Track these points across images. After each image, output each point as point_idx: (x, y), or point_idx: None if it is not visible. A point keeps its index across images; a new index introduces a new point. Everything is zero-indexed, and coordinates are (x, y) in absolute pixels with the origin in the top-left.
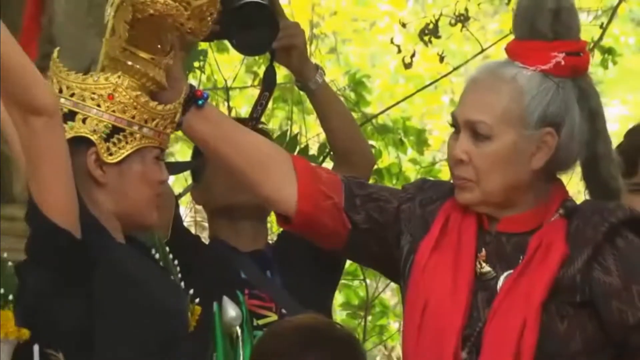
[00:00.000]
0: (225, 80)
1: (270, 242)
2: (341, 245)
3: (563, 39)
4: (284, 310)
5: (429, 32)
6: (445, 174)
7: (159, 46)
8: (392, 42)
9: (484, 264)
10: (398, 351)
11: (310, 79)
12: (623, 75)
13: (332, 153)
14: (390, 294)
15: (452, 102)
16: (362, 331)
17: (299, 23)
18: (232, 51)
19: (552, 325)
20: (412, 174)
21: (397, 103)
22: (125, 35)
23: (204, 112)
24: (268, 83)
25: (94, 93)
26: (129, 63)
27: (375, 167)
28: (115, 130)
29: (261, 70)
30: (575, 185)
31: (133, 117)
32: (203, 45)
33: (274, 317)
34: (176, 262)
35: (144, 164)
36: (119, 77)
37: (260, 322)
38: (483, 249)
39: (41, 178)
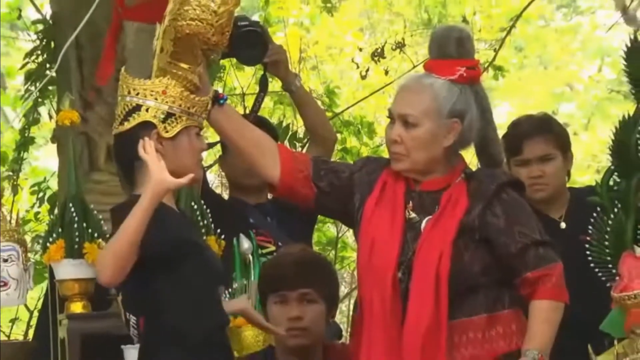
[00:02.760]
0: (242, 88)
1: (269, 197)
2: (312, 204)
3: (464, 58)
4: (280, 243)
5: (378, 55)
6: (387, 153)
7: (193, 58)
8: (353, 61)
9: (411, 212)
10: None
11: (292, 83)
12: (510, 85)
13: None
14: (349, 234)
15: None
16: (332, 259)
17: (282, 45)
18: (247, 67)
19: (460, 255)
20: (365, 152)
21: (357, 103)
22: (171, 50)
23: (223, 109)
24: (262, 86)
25: (152, 91)
26: (174, 71)
27: (342, 147)
28: (168, 115)
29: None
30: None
31: (180, 106)
32: (224, 62)
33: (272, 248)
34: (208, 210)
35: (190, 137)
36: (168, 79)
37: (264, 251)
38: (410, 202)
39: None
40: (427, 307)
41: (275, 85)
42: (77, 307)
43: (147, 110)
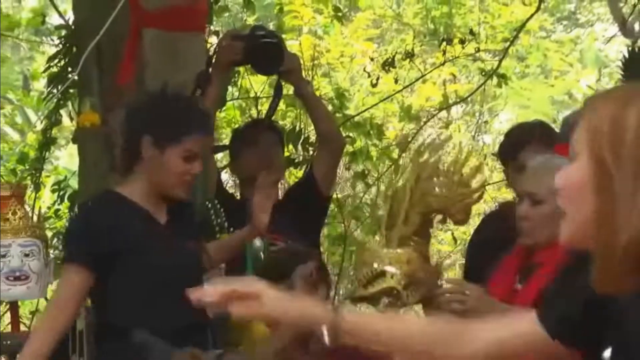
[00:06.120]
0: (256, 92)
1: (279, 197)
2: None
3: None
4: (289, 240)
5: (388, 64)
6: (394, 154)
7: (422, 234)
8: (364, 70)
9: (518, 284)
10: None
11: (303, 89)
12: (512, 93)
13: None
14: (358, 231)
15: (402, 108)
16: (340, 254)
17: (296, 54)
18: None
19: None
20: (374, 153)
21: (368, 109)
22: (417, 223)
23: None
24: (277, 92)
25: (397, 260)
26: (412, 244)
27: (352, 149)
28: (409, 284)
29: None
30: None
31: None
32: (240, 69)
33: (282, 244)
34: (222, 209)
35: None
36: (412, 250)
37: (274, 248)
38: (518, 273)
39: None
40: None
41: (288, 89)
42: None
43: (391, 277)
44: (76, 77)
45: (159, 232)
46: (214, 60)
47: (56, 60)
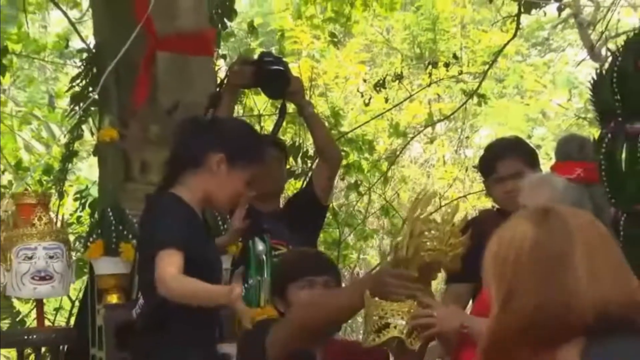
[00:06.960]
0: (259, 110)
1: (281, 206)
2: None
3: (583, 160)
4: (290, 246)
5: (379, 85)
6: (384, 167)
7: (423, 280)
8: (357, 90)
9: None
10: (356, 270)
11: (306, 109)
12: (491, 111)
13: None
14: (351, 237)
15: (391, 125)
16: (335, 257)
17: (299, 78)
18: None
19: None
20: (365, 166)
21: (360, 126)
22: (415, 276)
23: None
24: (282, 112)
25: (399, 311)
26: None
27: (345, 162)
28: (412, 331)
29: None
30: None
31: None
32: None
33: (284, 250)
34: (229, 217)
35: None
36: (412, 301)
37: (277, 252)
38: None
39: None
40: None
41: (289, 107)
42: (113, 298)
43: (395, 327)
44: (96, 96)
45: (206, 234)
46: (225, 82)
47: (78, 81)
